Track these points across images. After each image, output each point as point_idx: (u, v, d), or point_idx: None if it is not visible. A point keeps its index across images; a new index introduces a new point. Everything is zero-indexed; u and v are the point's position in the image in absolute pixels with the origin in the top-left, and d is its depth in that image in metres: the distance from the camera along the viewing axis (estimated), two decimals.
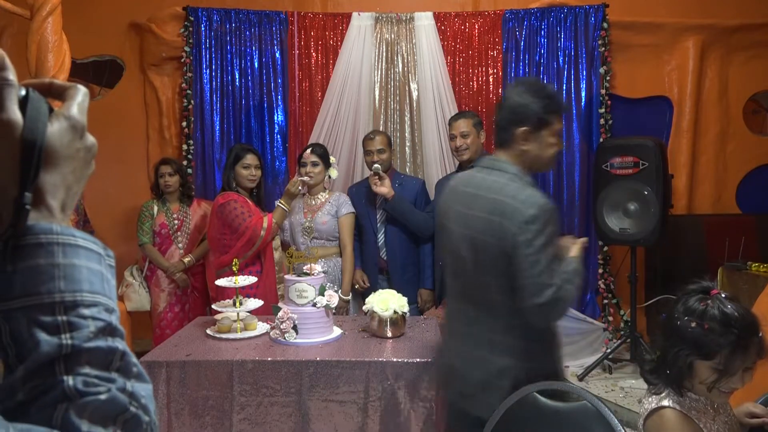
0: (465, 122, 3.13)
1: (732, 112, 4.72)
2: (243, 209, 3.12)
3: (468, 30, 4.56)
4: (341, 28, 4.54)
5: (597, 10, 4.50)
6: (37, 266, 0.52)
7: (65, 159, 0.58)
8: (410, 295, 3.13)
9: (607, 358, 4.06)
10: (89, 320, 0.53)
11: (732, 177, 4.75)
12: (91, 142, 0.63)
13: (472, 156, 3.13)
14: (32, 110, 0.55)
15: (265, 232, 3.11)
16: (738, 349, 1.34)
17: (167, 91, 4.63)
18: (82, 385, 0.50)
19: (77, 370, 0.51)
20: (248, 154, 3.23)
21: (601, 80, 4.50)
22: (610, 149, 4.01)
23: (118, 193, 4.66)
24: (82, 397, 0.50)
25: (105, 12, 4.60)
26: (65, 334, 0.51)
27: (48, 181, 0.55)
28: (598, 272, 4.57)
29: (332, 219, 3.33)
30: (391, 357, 2.29)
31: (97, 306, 0.54)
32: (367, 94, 4.45)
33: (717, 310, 1.37)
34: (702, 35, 4.55)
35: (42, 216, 0.54)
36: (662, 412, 1.47)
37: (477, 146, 3.13)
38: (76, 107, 0.61)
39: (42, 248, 0.52)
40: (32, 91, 0.56)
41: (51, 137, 0.56)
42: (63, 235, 0.54)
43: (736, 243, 3.90)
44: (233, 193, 3.17)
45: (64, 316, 0.51)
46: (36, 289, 0.51)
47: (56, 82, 0.63)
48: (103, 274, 0.56)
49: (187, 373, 2.24)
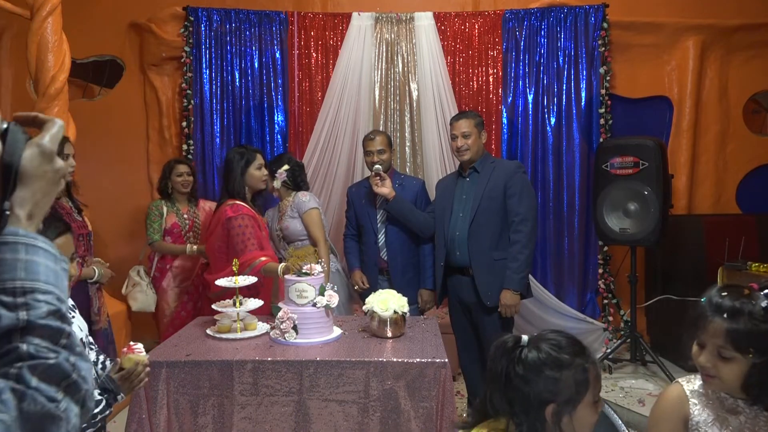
0: (466, 122, 3.12)
1: (732, 112, 4.72)
2: (252, 231, 2.86)
3: (468, 30, 4.56)
4: (341, 28, 4.54)
5: (597, 10, 4.50)
6: (3, 260, 0.66)
7: (35, 178, 0.71)
8: (411, 296, 3.12)
9: (607, 358, 4.06)
10: (43, 303, 0.66)
11: (732, 177, 4.76)
12: (59, 166, 0.74)
13: (473, 156, 3.13)
14: (11, 139, 0.69)
15: (254, 270, 2.79)
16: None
17: (167, 91, 4.63)
18: (34, 350, 0.64)
19: (30, 340, 0.64)
20: (258, 154, 3.09)
21: (601, 80, 4.50)
22: (610, 149, 4.01)
23: (118, 193, 4.66)
24: (33, 359, 0.63)
25: (105, 12, 4.60)
26: (22, 312, 0.64)
27: (18, 195, 0.70)
28: (598, 272, 4.57)
29: (294, 220, 3.37)
30: (391, 357, 2.29)
31: (50, 294, 0.67)
32: (367, 94, 4.45)
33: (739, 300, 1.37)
34: (702, 35, 4.55)
35: (11, 222, 0.69)
36: (672, 386, 1.52)
37: (478, 147, 3.13)
38: (48, 137, 0.73)
39: (8, 246, 0.67)
40: (12, 125, 0.70)
41: (24, 160, 0.70)
42: (27, 237, 0.68)
43: (736, 243, 3.90)
44: (244, 207, 2.93)
45: (22, 298, 0.65)
46: (1, 276, 0.65)
47: (40, 116, 0.77)
48: (57, 272, 0.70)
49: (187, 373, 2.24)
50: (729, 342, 1.36)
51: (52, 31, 3.34)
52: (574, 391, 1.23)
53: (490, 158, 3.21)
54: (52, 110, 3.32)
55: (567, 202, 4.59)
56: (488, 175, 3.09)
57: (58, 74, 3.34)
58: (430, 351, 2.35)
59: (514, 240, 3.00)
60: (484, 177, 3.10)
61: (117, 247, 4.61)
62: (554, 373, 1.23)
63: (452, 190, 3.22)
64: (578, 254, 4.61)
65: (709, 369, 1.41)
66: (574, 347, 1.27)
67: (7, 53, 4.63)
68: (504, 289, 2.98)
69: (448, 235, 3.16)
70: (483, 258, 3.04)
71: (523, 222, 3.00)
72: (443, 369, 2.24)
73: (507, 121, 4.61)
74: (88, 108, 4.70)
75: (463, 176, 3.21)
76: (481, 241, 3.04)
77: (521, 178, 3.09)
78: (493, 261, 3.03)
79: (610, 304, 4.53)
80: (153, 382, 2.21)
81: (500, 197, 3.04)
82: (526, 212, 3.01)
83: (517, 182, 3.04)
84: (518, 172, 3.09)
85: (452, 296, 3.24)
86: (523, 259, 2.98)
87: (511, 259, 3.00)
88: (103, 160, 4.59)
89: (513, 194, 3.02)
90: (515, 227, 3.00)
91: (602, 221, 3.98)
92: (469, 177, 3.17)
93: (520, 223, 3.00)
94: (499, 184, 3.05)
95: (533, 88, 4.59)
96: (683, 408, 1.45)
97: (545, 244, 4.64)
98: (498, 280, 3.00)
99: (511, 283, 2.98)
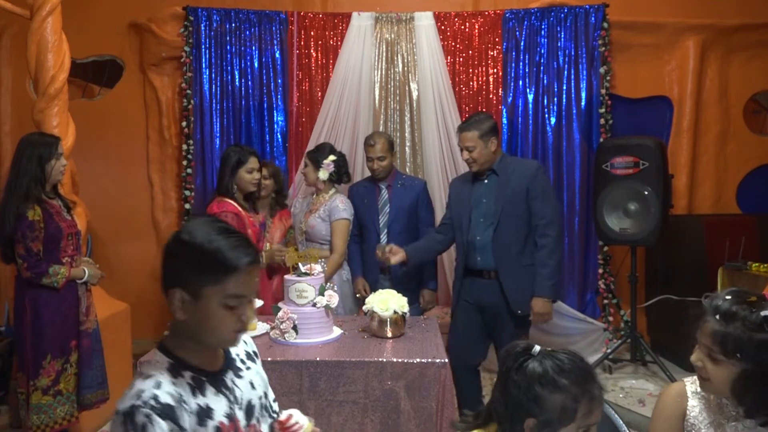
0: (470, 135, 2.95)
1: (732, 112, 4.72)
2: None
3: (468, 30, 4.56)
4: (341, 28, 4.53)
5: (597, 10, 4.49)
6: None
7: None
8: (413, 296, 3.11)
9: (608, 358, 4.06)
10: None
11: (732, 177, 4.75)
12: None
13: (483, 167, 2.99)
14: None
15: None
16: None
17: (167, 91, 4.63)
18: None
19: None
20: (251, 157, 3.09)
21: (601, 80, 4.50)
22: (610, 149, 4.01)
23: (118, 193, 4.66)
24: None
25: (105, 12, 4.60)
26: None
27: None
28: (598, 272, 4.57)
29: (322, 223, 3.31)
30: (391, 357, 2.28)
31: None
32: (367, 94, 4.45)
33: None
34: (702, 35, 4.55)
35: None
36: (676, 383, 1.53)
37: (486, 156, 2.96)
38: None
39: None
40: None
41: None
42: None
43: (736, 243, 3.89)
44: (230, 204, 3.02)
45: None
46: None
47: None
48: None
49: None
50: (717, 344, 1.36)
51: (52, 31, 3.33)
52: (557, 417, 1.21)
53: (506, 158, 3.07)
54: (51, 110, 3.31)
55: (567, 202, 4.59)
56: (507, 177, 2.97)
57: (57, 74, 3.33)
58: (430, 351, 2.35)
59: (542, 244, 2.88)
60: (503, 179, 2.97)
61: (116, 247, 4.61)
62: (544, 392, 1.21)
63: (468, 193, 3.07)
64: (578, 254, 4.61)
65: (700, 369, 1.41)
66: (579, 375, 1.23)
67: (7, 53, 4.63)
68: (535, 297, 2.86)
69: (466, 239, 3.02)
70: (511, 264, 2.91)
71: (550, 225, 2.90)
72: (443, 369, 2.24)
73: (507, 121, 4.61)
74: (88, 108, 4.70)
75: (481, 179, 3.05)
76: (508, 247, 2.92)
77: (543, 179, 2.99)
78: (521, 267, 2.91)
79: (611, 304, 4.52)
80: None
81: (522, 201, 2.92)
82: (552, 215, 2.92)
83: (539, 184, 2.94)
84: (539, 172, 2.98)
85: (467, 297, 3.07)
86: (553, 264, 2.88)
87: (540, 265, 2.87)
88: (103, 160, 4.59)
89: (536, 196, 2.91)
90: (542, 231, 2.89)
91: (602, 221, 3.97)
92: (488, 179, 3.03)
93: (547, 226, 2.89)
94: (520, 187, 2.93)
95: (533, 88, 4.58)
96: (682, 404, 1.46)
97: None
98: (528, 287, 2.89)
99: (543, 290, 2.86)
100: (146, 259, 4.56)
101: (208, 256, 1.14)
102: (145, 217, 4.68)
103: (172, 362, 1.19)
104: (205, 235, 1.16)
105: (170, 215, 4.68)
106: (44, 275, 2.65)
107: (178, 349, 1.21)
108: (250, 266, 1.18)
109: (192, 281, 1.15)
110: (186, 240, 1.17)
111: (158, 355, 1.21)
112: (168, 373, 1.17)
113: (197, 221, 1.22)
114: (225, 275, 1.15)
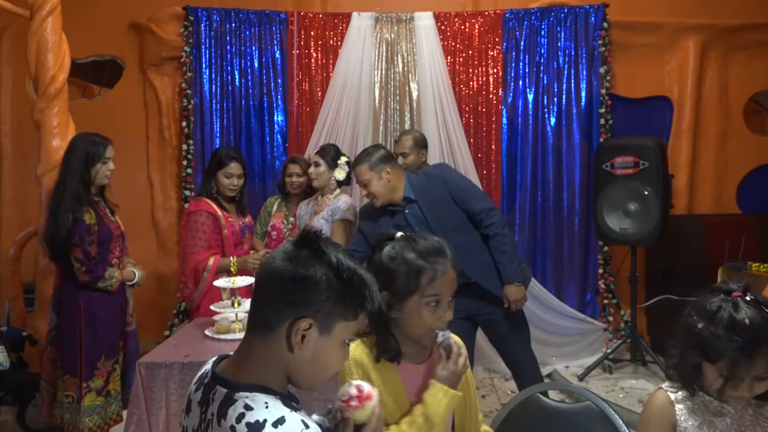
0: (361, 170, 2.84)
1: (732, 112, 4.71)
2: (202, 232, 2.96)
3: (468, 30, 4.56)
4: (341, 28, 4.54)
5: (597, 10, 4.50)
6: None
7: None
8: None
9: (608, 358, 4.06)
10: None
11: (732, 177, 4.75)
12: None
13: (386, 200, 2.85)
14: None
15: (208, 273, 2.94)
16: (742, 358, 1.29)
17: (167, 91, 4.63)
18: None
19: None
20: (232, 162, 3.03)
21: (601, 80, 4.50)
22: (610, 149, 4.01)
23: (118, 193, 4.61)
24: None
25: (105, 12, 4.60)
26: None
27: None
28: (598, 272, 4.57)
29: (326, 224, 3.25)
30: None
31: None
32: (367, 94, 4.45)
33: (727, 313, 1.31)
34: (702, 35, 4.55)
35: None
36: (657, 392, 1.49)
37: (384, 188, 2.83)
38: None
39: None
40: None
41: None
42: None
43: (736, 243, 3.89)
44: (206, 203, 3.00)
45: None
46: None
47: None
48: None
49: (186, 374, 2.23)
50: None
51: (52, 31, 3.33)
52: (402, 287, 1.38)
53: (413, 178, 2.90)
54: (51, 110, 3.31)
55: (567, 202, 4.59)
56: (428, 198, 2.85)
57: (57, 74, 3.33)
58: None
59: (491, 234, 2.83)
60: (424, 201, 2.85)
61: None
62: (392, 265, 1.40)
63: (389, 227, 2.77)
64: (578, 254, 4.61)
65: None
66: (431, 250, 1.41)
67: (7, 53, 4.63)
68: (505, 285, 2.84)
69: None
70: (480, 267, 2.85)
71: (488, 214, 2.83)
72: None
73: (507, 121, 4.61)
74: (88, 108, 4.70)
75: (397, 210, 2.88)
76: (470, 254, 2.82)
77: (454, 177, 2.94)
78: (489, 264, 2.86)
79: (610, 304, 4.53)
80: (152, 383, 2.21)
81: (456, 208, 2.83)
82: (484, 203, 2.86)
83: (455, 185, 2.87)
84: (447, 173, 2.93)
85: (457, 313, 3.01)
86: (508, 249, 2.84)
87: (497, 253, 2.83)
88: None
89: (463, 198, 2.84)
90: (485, 223, 2.83)
91: (602, 221, 3.97)
92: (408, 208, 2.86)
93: (486, 216, 2.83)
94: (445, 199, 2.84)
95: (533, 88, 4.59)
96: (670, 413, 1.43)
97: (545, 244, 4.63)
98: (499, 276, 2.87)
99: (509, 276, 2.83)
100: (146, 259, 4.54)
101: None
102: (145, 217, 4.67)
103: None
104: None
105: (170, 215, 4.67)
106: (101, 279, 2.69)
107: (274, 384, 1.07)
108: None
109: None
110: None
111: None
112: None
113: None
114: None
